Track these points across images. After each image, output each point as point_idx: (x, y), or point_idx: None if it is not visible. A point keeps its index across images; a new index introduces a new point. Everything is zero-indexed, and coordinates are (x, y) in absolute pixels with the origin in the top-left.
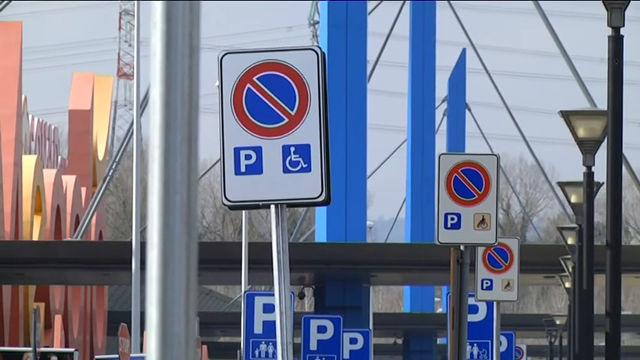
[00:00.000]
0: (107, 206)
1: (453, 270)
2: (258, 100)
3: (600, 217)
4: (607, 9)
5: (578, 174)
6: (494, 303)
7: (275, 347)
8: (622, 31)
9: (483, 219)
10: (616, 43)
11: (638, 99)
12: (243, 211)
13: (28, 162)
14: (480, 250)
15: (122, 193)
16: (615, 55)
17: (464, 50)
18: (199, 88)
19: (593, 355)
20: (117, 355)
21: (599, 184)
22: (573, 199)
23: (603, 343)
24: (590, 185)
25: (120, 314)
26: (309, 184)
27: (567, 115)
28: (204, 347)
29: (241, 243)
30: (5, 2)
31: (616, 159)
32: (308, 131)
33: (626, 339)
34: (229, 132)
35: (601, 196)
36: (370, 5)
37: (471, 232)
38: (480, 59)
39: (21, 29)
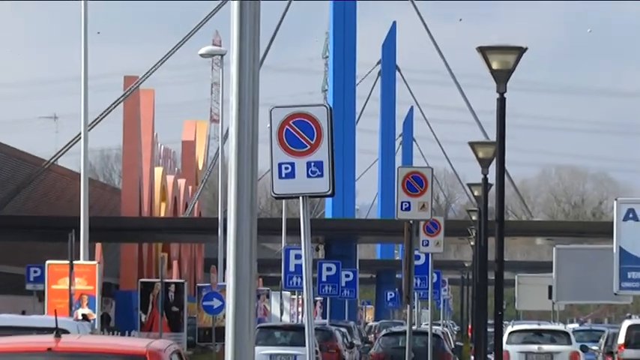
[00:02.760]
0: (203, 197)
1: (406, 234)
2: (292, 135)
3: (491, 204)
4: (496, 82)
5: (478, 179)
6: (430, 254)
7: (302, 279)
8: (505, 95)
9: (424, 205)
10: (501, 102)
11: (512, 136)
12: (284, 200)
13: (158, 171)
14: (422, 223)
15: (212, 190)
16: (501, 109)
17: (412, 107)
18: (258, 127)
19: (487, 284)
20: (209, 284)
21: (491, 185)
22: (476, 194)
23: (493, 277)
24: (485, 185)
25: (211, 260)
26: (322, 184)
27: (473, 145)
28: (260, 279)
29: (282, 218)
30: (142, 78)
31: (501, 170)
32: (321, 153)
33: (506, 275)
34: (276, 153)
35: (492, 191)
36: (357, 79)
37: (416, 213)
38: (422, 111)
39: (153, 94)
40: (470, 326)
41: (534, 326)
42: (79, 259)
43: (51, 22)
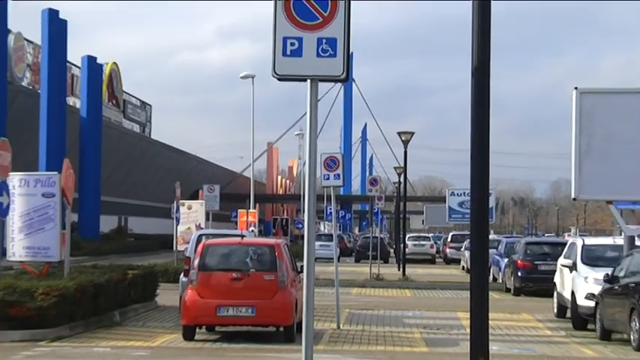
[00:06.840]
0: (295, 187)
1: (371, 201)
2: (329, 164)
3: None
4: (403, 145)
5: (396, 180)
6: (379, 208)
7: (331, 217)
8: (407, 150)
9: (377, 189)
10: (405, 154)
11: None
12: (325, 188)
13: (279, 178)
14: (376, 197)
15: (299, 184)
16: (405, 156)
17: (372, 155)
18: (317, 161)
19: (399, 219)
20: (298, 218)
21: (400, 182)
22: (395, 187)
23: (402, 216)
24: (399, 183)
25: (299, 209)
26: (339, 181)
27: (395, 168)
28: (317, 216)
29: (324, 195)
30: (273, 143)
31: (405, 177)
32: (337, 157)
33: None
34: (322, 172)
35: (401, 186)
36: (352, 142)
37: (374, 193)
38: (377, 158)
39: (278, 149)
40: (394, 235)
41: (417, 234)
42: (249, 209)
43: (238, 118)
